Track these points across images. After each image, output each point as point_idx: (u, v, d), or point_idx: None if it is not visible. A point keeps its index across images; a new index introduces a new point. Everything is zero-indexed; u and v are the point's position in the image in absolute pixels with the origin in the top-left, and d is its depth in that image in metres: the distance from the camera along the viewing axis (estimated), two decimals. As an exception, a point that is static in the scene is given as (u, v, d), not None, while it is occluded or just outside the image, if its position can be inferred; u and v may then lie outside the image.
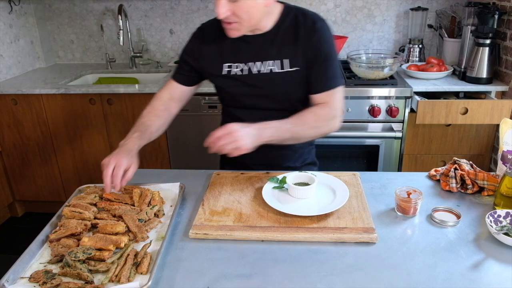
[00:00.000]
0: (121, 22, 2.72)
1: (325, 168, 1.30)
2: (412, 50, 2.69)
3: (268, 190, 1.16)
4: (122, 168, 1.11)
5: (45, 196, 2.72)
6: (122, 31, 2.72)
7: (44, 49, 2.98)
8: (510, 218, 1.02)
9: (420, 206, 1.09)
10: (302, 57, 1.23)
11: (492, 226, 0.99)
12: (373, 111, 2.25)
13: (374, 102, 2.25)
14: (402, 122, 2.29)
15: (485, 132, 2.32)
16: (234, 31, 1.19)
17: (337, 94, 1.25)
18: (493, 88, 2.26)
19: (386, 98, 2.24)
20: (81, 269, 0.88)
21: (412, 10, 2.65)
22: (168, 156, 2.54)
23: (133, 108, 2.42)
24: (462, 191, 1.20)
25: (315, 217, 1.06)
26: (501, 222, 1.02)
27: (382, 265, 0.91)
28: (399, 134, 2.28)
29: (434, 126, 2.30)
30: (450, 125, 2.29)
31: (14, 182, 2.70)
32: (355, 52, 2.56)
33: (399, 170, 2.38)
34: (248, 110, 1.32)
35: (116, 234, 0.99)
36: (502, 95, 2.28)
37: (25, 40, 2.83)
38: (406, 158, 2.39)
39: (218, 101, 1.64)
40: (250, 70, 1.27)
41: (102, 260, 0.92)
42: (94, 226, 1.05)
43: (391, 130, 2.29)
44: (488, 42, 2.24)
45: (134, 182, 1.23)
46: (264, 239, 1.00)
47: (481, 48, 2.26)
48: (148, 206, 1.11)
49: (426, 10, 2.63)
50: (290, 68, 1.24)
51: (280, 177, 1.20)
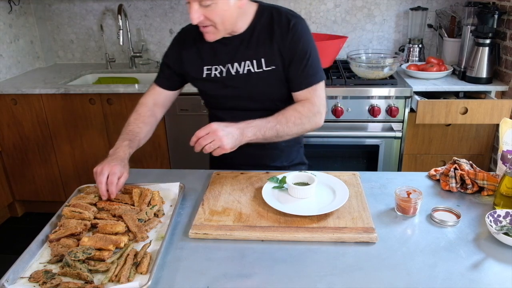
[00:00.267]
0: (121, 22, 2.72)
1: (325, 168, 1.29)
2: (412, 50, 2.69)
3: (268, 190, 1.16)
4: (116, 176, 1.11)
5: (45, 196, 2.72)
6: (122, 31, 2.72)
7: (43, 49, 2.97)
8: (510, 218, 1.02)
9: (420, 206, 1.09)
10: (278, 55, 1.23)
11: (492, 226, 0.99)
12: (373, 111, 2.25)
13: (374, 102, 2.25)
14: (402, 122, 2.28)
15: (485, 132, 2.31)
16: (210, 35, 1.20)
17: (318, 90, 1.25)
18: (493, 88, 2.26)
19: (386, 98, 2.24)
20: (81, 269, 0.88)
21: (412, 10, 2.65)
22: (168, 156, 2.53)
23: (132, 108, 2.37)
24: (462, 191, 1.20)
25: (315, 217, 1.06)
26: (501, 222, 1.02)
27: (382, 265, 0.91)
28: (399, 134, 2.28)
29: (434, 126, 2.30)
30: (450, 125, 2.29)
31: (14, 182, 2.70)
32: (355, 52, 2.56)
33: (399, 170, 2.38)
34: (231, 111, 1.33)
35: (116, 234, 0.99)
36: (502, 95, 2.28)
37: (24, 40, 2.83)
38: (406, 158, 2.39)
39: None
40: (228, 71, 1.27)
41: (102, 260, 0.92)
42: (94, 226, 1.05)
43: (391, 130, 2.29)
44: (488, 42, 2.24)
45: (134, 182, 1.23)
46: (264, 239, 1.00)
47: (481, 48, 2.26)
48: (148, 206, 1.11)
49: (426, 10, 2.63)
50: (266, 67, 1.24)
51: (280, 177, 1.20)
